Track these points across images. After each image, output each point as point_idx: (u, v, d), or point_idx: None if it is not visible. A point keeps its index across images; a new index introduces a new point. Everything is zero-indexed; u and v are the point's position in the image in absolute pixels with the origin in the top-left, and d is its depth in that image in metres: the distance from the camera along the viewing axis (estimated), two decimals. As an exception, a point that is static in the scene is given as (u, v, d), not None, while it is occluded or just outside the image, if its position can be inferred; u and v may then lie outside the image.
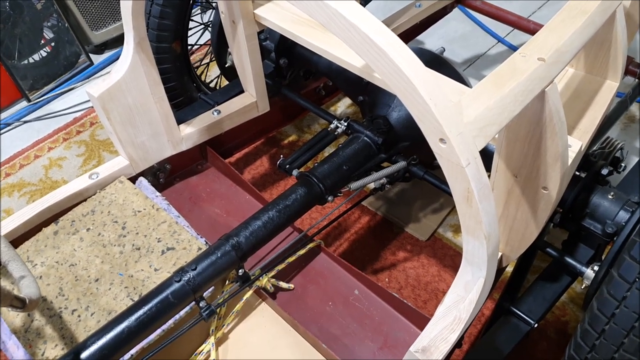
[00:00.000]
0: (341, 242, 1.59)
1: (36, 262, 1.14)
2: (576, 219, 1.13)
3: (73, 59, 2.32)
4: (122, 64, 1.17)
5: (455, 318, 0.86)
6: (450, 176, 0.75)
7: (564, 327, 1.40)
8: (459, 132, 0.71)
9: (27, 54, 2.18)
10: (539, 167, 0.90)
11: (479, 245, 0.80)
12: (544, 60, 0.83)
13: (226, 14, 1.27)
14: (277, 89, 1.53)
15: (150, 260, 1.13)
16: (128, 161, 1.29)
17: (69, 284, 1.10)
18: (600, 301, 0.88)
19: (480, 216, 0.75)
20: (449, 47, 2.29)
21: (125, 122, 1.22)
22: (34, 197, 1.81)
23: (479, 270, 0.85)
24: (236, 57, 1.38)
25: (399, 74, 0.70)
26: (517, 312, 1.14)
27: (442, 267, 1.51)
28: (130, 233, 1.18)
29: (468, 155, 0.72)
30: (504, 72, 0.82)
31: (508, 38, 2.34)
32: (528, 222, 1.00)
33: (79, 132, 2.04)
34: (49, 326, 1.04)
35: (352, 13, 0.71)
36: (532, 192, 0.95)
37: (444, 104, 0.71)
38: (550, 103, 0.82)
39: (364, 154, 1.28)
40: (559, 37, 0.87)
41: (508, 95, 0.78)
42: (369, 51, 0.72)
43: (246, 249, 1.09)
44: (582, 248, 1.17)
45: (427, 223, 1.63)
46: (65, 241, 1.17)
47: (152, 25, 1.41)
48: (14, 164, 1.92)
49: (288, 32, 1.18)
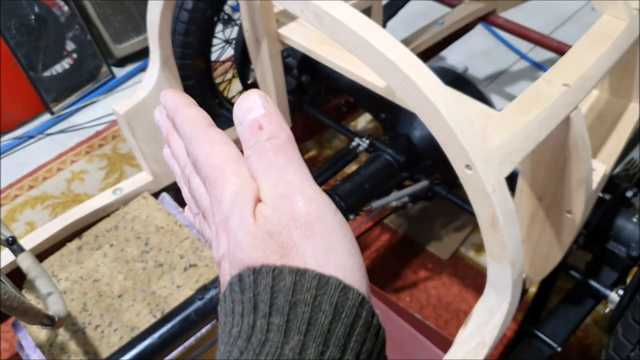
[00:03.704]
0: (361, 259, 1.59)
1: (60, 277, 1.15)
2: (600, 242, 1.12)
3: (95, 72, 2.35)
4: (148, 81, 1.18)
5: (479, 343, 0.86)
6: (475, 201, 0.75)
7: (587, 350, 1.39)
8: (485, 158, 0.71)
9: (50, 67, 2.21)
10: (563, 191, 0.90)
11: (504, 270, 0.80)
12: (569, 86, 0.82)
13: (250, 32, 1.28)
14: (299, 105, 1.54)
15: (172, 277, 1.14)
16: (151, 177, 1.30)
17: (93, 300, 1.11)
18: (625, 328, 0.88)
19: (505, 242, 0.75)
20: (471, 63, 2.29)
21: (149, 139, 1.24)
22: (56, 210, 1.83)
23: (503, 295, 0.85)
24: (259, 74, 1.39)
25: (425, 101, 0.70)
26: (540, 336, 1.13)
27: (464, 287, 1.50)
28: (153, 249, 1.20)
29: (494, 181, 0.72)
30: (529, 98, 0.81)
31: (531, 54, 2.33)
32: (552, 245, 0.99)
33: (101, 146, 2.06)
34: (72, 341, 1.06)
35: (380, 40, 0.72)
36: (556, 215, 0.94)
37: (469, 130, 0.71)
38: (575, 128, 0.81)
39: (386, 172, 1.28)
40: (583, 62, 0.87)
41: (533, 121, 0.77)
42: (395, 78, 0.72)
43: (268, 267, 1.09)
44: (606, 271, 1.15)
45: (448, 242, 1.62)
46: (89, 256, 1.19)
47: (177, 42, 1.43)
48: (37, 177, 1.95)
49: (312, 52, 1.19)
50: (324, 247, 0.32)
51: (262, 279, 0.31)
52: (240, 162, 0.36)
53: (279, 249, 0.32)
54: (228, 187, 0.34)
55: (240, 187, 0.34)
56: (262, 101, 0.36)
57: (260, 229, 0.33)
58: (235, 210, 0.34)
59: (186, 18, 1.40)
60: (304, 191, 0.34)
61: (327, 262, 0.32)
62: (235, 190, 0.34)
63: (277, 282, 0.31)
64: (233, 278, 0.33)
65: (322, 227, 0.33)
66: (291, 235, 0.32)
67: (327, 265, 0.32)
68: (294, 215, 0.33)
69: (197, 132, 0.37)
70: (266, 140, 0.35)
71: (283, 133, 0.35)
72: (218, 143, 0.36)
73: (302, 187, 0.34)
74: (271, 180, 0.34)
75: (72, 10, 2.21)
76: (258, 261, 0.32)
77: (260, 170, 0.35)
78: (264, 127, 0.35)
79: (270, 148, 0.34)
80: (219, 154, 0.36)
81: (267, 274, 0.31)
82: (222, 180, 0.35)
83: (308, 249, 0.32)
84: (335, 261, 0.32)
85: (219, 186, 0.35)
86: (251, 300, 0.31)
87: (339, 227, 0.34)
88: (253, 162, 0.35)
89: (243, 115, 0.36)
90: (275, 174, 0.34)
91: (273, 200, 0.33)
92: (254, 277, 0.32)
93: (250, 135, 0.35)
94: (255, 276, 0.32)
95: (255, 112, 0.35)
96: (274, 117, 0.35)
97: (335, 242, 0.33)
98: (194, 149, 0.37)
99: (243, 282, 0.32)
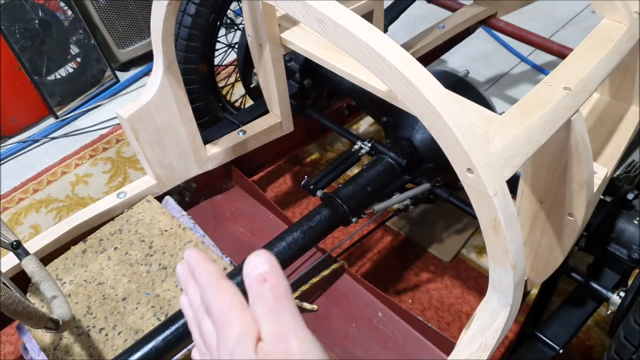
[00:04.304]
0: (364, 262, 1.59)
1: (65, 281, 1.16)
2: (601, 244, 1.12)
3: (99, 76, 2.36)
4: (152, 86, 1.19)
5: (481, 345, 0.86)
6: (477, 205, 0.76)
7: (588, 352, 1.39)
8: (487, 162, 0.72)
9: (54, 71, 2.22)
10: (564, 193, 0.90)
11: (506, 273, 0.80)
12: (570, 89, 0.83)
13: (253, 37, 1.29)
14: (301, 109, 1.55)
15: (176, 280, 1.15)
16: (155, 180, 1.31)
17: (97, 303, 1.12)
18: (627, 330, 0.88)
19: (507, 245, 0.76)
20: (471, 66, 2.29)
21: (153, 143, 1.25)
22: (60, 213, 1.84)
23: (505, 298, 0.85)
24: (262, 78, 1.40)
25: (427, 106, 0.71)
26: (542, 338, 1.14)
27: (466, 289, 1.50)
28: (157, 252, 1.20)
29: (495, 185, 0.72)
30: (530, 101, 0.82)
31: (531, 57, 2.34)
32: (553, 248, 0.99)
33: (105, 149, 2.07)
34: (77, 344, 1.06)
35: (381, 45, 0.73)
36: (558, 218, 0.95)
37: (471, 134, 0.72)
38: (576, 132, 0.82)
39: (388, 175, 1.29)
40: (584, 66, 0.88)
41: (535, 125, 0.78)
42: (397, 82, 0.73)
43: (271, 270, 1.10)
44: (607, 273, 1.16)
45: (450, 244, 1.62)
46: (93, 260, 1.19)
47: (180, 47, 1.44)
48: (41, 180, 1.96)
49: (314, 56, 1.19)
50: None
51: None
52: (244, 308, 0.42)
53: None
54: (234, 327, 0.41)
55: (244, 327, 0.41)
56: (267, 258, 0.42)
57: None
58: (239, 346, 0.40)
59: (189, 23, 1.41)
60: (298, 332, 0.40)
61: None
62: (239, 330, 0.40)
63: None
64: None
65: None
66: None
67: None
68: (288, 351, 0.39)
69: (211, 282, 0.44)
70: (268, 290, 0.41)
71: (282, 285, 0.42)
72: (228, 292, 0.43)
73: (296, 329, 0.40)
74: (270, 322, 0.41)
75: (75, 15, 2.22)
76: None
77: (262, 314, 0.41)
78: (268, 279, 0.41)
79: (272, 296, 0.41)
80: (228, 301, 0.42)
81: None
82: (229, 321, 0.41)
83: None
84: None
85: (226, 326, 0.41)
86: None
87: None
88: (256, 308, 0.41)
89: (252, 270, 0.42)
90: (274, 317, 0.41)
91: (271, 339, 0.40)
92: None
93: (256, 285, 0.41)
94: None
95: (262, 267, 0.42)
96: (275, 272, 0.42)
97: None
98: (207, 295, 0.44)
99: None
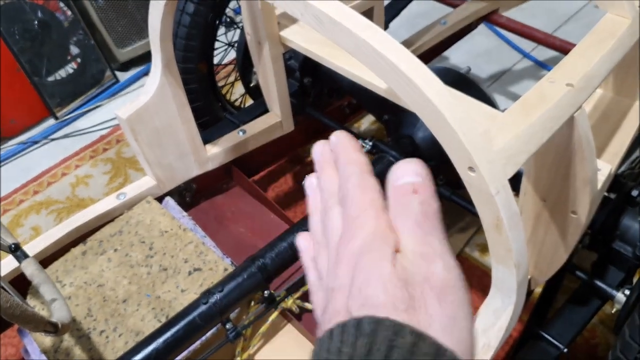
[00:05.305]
0: (366, 260, 1.58)
1: (65, 283, 1.15)
2: (606, 241, 1.11)
3: (99, 77, 2.35)
4: (150, 86, 1.18)
5: (484, 345, 0.85)
6: (479, 203, 0.75)
7: (593, 350, 1.38)
8: (488, 160, 0.71)
9: (53, 72, 2.22)
10: (567, 191, 0.89)
11: (509, 273, 0.79)
12: (573, 85, 0.82)
13: (252, 35, 1.28)
14: (302, 107, 1.53)
15: (177, 281, 1.14)
16: (155, 181, 1.30)
17: (97, 305, 1.11)
18: (632, 328, 0.87)
19: (510, 244, 0.74)
20: (473, 62, 2.28)
21: (152, 144, 1.24)
22: (61, 214, 1.83)
23: (509, 298, 0.84)
24: (261, 77, 1.39)
25: (427, 103, 0.70)
26: (546, 337, 1.13)
27: (469, 287, 1.48)
28: (157, 254, 1.19)
29: (497, 183, 0.71)
30: (532, 98, 0.81)
31: (534, 53, 2.32)
32: (557, 246, 0.98)
33: (105, 150, 2.06)
34: (77, 347, 1.05)
35: (380, 42, 0.72)
36: (561, 216, 0.94)
37: (472, 132, 0.70)
38: (579, 128, 0.81)
39: (390, 174, 1.28)
40: (587, 61, 0.86)
41: (537, 122, 0.77)
42: (397, 80, 0.72)
43: (272, 270, 1.09)
44: (612, 271, 1.15)
45: (453, 242, 1.61)
46: (93, 261, 1.19)
47: (179, 46, 1.43)
48: (41, 182, 1.95)
49: (313, 54, 1.18)
50: (451, 316, 0.33)
51: (382, 330, 0.31)
52: (384, 210, 0.37)
53: (408, 300, 0.32)
54: (368, 225, 0.36)
55: (380, 230, 0.36)
56: (419, 169, 0.37)
57: (397, 276, 0.33)
58: (373, 249, 0.35)
59: (188, 21, 1.40)
60: (445, 258, 0.35)
61: (451, 332, 0.32)
62: (374, 231, 0.36)
63: (396, 338, 0.31)
64: (350, 321, 0.32)
65: (454, 297, 0.34)
66: (424, 292, 0.33)
67: (448, 335, 0.32)
68: (431, 276, 0.34)
69: (357, 173, 0.40)
70: (418, 204, 0.36)
71: (434, 205, 0.37)
72: (371, 189, 0.39)
73: (443, 253, 0.36)
74: (415, 238, 0.36)
75: (75, 15, 2.21)
76: (383, 304, 0.32)
77: (406, 227, 0.36)
78: (420, 192, 0.37)
79: (420, 211, 0.36)
80: (369, 197, 0.38)
81: (388, 327, 0.31)
82: (365, 217, 0.37)
83: (437, 312, 0.32)
84: (457, 334, 0.32)
85: (359, 221, 0.37)
86: (366, 346, 0.31)
87: (466, 303, 0.34)
88: (399, 220, 0.37)
89: (401, 176, 0.37)
90: (420, 235, 0.36)
91: (414, 256, 0.35)
92: (374, 326, 0.31)
93: (403, 194, 0.37)
94: (376, 326, 0.31)
95: (414, 177, 0.37)
96: (429, 188, 0.37)
97: (462, 316, 0.33)
98: (349, 184, 0.39)
99: (361, 329, 0.32)
